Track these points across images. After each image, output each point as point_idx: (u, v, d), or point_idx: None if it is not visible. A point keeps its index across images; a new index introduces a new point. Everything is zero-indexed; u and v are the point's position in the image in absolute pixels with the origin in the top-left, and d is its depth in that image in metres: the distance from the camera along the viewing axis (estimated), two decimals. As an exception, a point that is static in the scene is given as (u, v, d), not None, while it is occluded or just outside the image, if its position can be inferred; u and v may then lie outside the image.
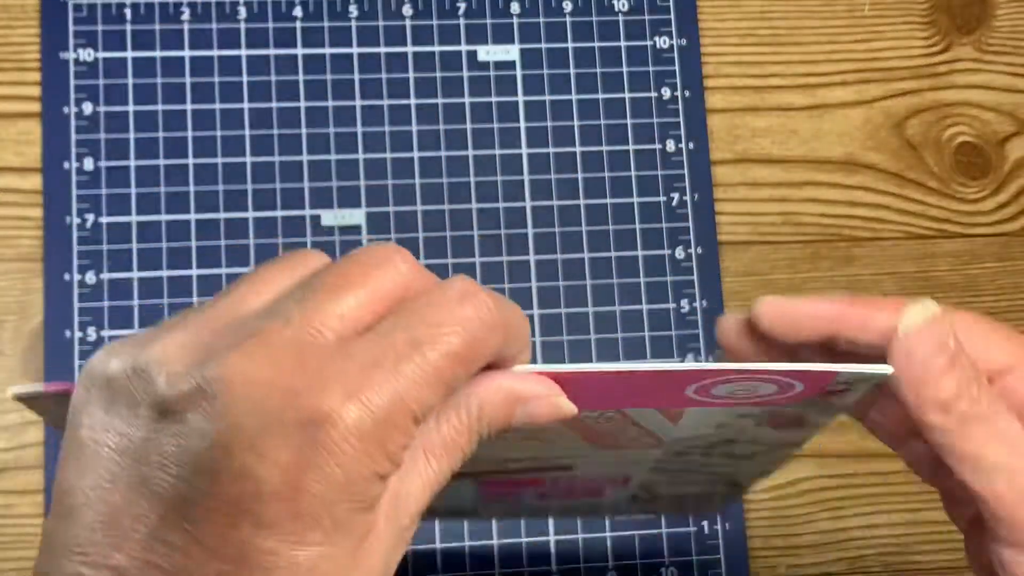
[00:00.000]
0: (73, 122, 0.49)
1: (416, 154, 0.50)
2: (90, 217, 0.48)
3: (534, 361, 0.30)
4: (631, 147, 0.52)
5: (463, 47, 0.52)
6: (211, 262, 0.48)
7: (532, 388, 0.27)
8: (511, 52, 0.52)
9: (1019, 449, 0.30)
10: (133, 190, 0.48)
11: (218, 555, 0.23)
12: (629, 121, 0.52)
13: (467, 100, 0.51)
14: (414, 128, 0.50)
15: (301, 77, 0.50)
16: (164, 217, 0.48)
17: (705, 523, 0.49)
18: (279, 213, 0.49)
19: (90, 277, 0.48)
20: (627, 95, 0.52)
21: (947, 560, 0.50)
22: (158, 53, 0.50)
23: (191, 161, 0.49)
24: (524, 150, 0.51)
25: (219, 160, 0.49)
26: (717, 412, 0.30)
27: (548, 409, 0.27)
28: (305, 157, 0.50)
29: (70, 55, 0.49)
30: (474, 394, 0.27)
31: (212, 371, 0.24)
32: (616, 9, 0.53)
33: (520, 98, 0.51)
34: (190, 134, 0.49)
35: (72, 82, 0.49)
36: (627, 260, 0.51)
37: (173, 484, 0.24)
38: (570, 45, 0.52)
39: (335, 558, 0.24)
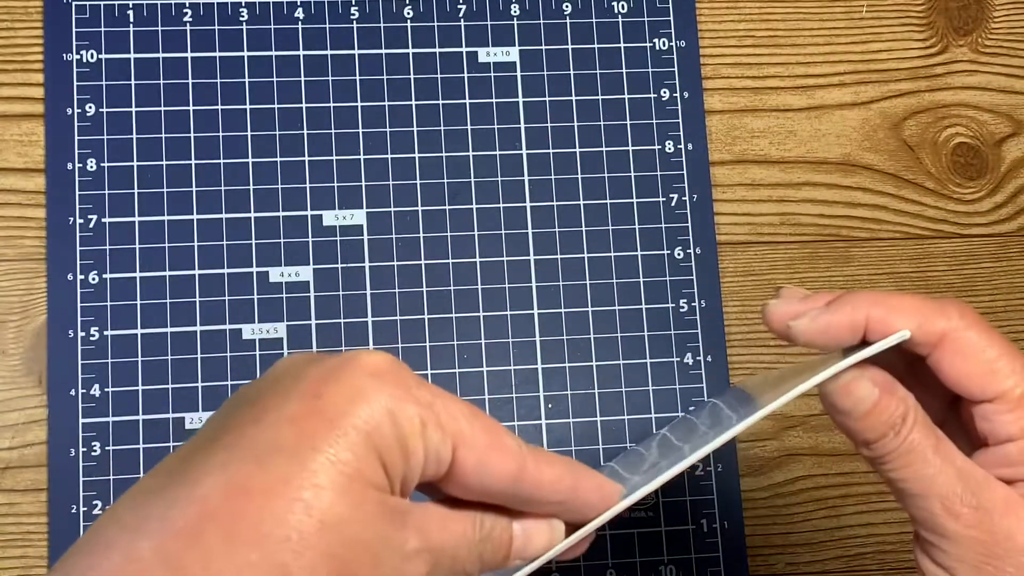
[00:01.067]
0: (76, 123, 0.49)
1: (417, 155, 0.51)
2: (93, 217, 0.48)
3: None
4: (630, 148, 0.52)
5: (464, 48, 0.52)
6: (213, 262, 0.49)
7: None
8: (511, 53, 0.52)
9: (938, 479, 0.33)
10: (136, 190, 0.49)
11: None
12: (628, 122, 0.52)
13: (467, 101, 0.51)
14: (415, 129, 0.51)
15: (303, 78, 0.50)
16: (166, 217, 0.49)
17: (704, 521, 0.49)
18: (281, 213, 0.49)
19: (93, 277, 0.48)
20: (626, 96, 0.52)
21: (944, 558, 0.50)
22: (160, 54, 0.50)
23: (193, 162, 0.49)
24: (524, 150, 0.51)
25: (221, 161, 0.49)
26: None
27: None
28: (307, 158, 0.50)
29: (73, 56, 0.49)
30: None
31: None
32: (615, 11, 0.53)
33: (520, 99, 0.52)
34: (192, 135, 0.49)
35: (75, 83, 0.49)
36: (626, 260, 0.51)
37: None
38: (570, 47, 0.52)
39: None
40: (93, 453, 0.47)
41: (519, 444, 0.31)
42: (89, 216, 0.48)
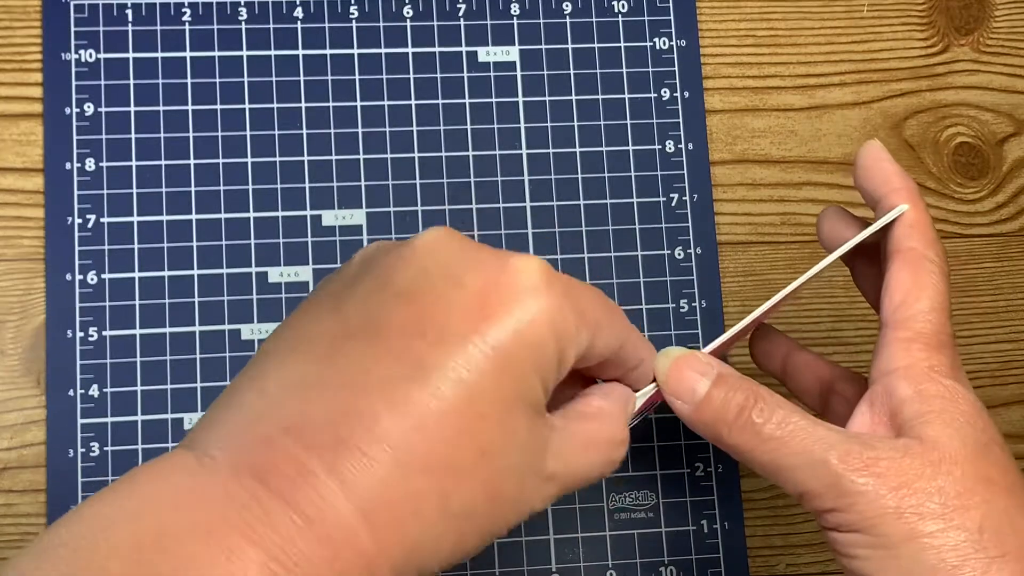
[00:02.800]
0: (75, 123, 0.49)
1: (416, 154, 0.50)
2: (92, 217, 0.48)
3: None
4: (631, 147, 0.52)
5: (463, 48, 0.52)
6: (212, 262, 0.48)
7: None
8: (511, 53, 0.52)
9: (830, 439, 0.34)
10: (134, 190, 0.49)
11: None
12: (629, 122, 0.52)
13: (467, 101, 0.51)
14: (415, 128, 0.51)
15: (302, 78, 0.50)
16: (165, 217, 0.49)
17: (704, 522, 0.49)
18: (280, 213, 0.49)
19: (91, 277, 0.48)
20: (627, 96, 0.52)
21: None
22: (159, 54, 0.50)
23: (192, 161, 0.49)
24: (524, 150, 0.51)
25: (220, 160, 0.49)
26: None
27: None
28: (306, 157, 0.50)
29: (71, 56, 0.49)
30: None
31: None
32: (616, 10, 0.53)
33: (520, 99, 0.52)
34: (191, 134, 0.49)
35: (74, 83, 0.49)
36: (627, 260, 0.51)
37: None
38: (570, 46, 0.52)
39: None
40: (92, 454, 0.46)
41: (625, 320, 0.32)
42: (88, 216, 0.48)
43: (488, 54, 0.52)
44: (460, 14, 0.52)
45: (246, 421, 0.27)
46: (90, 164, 0.49)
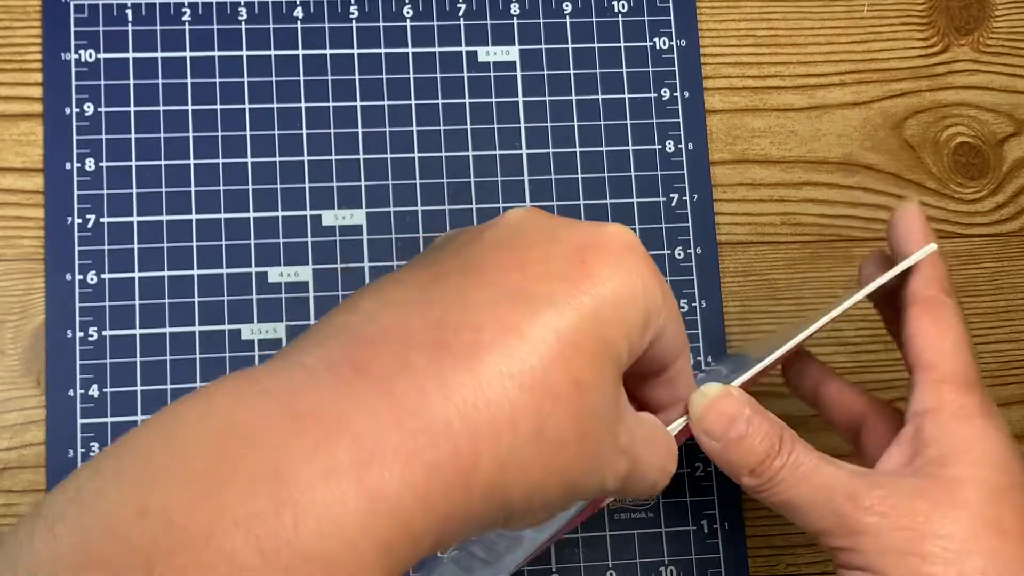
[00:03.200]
0: (74, 123, 0.49)
1: (416, 154, 0.50)
2: (91, 217, 0.48)
3: None
4: (630, 147, 0.52)
5: (463, 48, 0.52)
6: (212, 262, 0.48)
7: None
8: (511, 53, 0.52)
9: (837, 480, 0.35)
10: (134, 190, 0.49)
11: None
12: (629, 122, 0.52)
13: (467, 101, 0.51)
14: (414, 128, 0.51)
15: (302, 78, 0.50)
16: (165, 217, 0.49)
17: (704, 522, 0.49)
18: (280, 213, 0.49)
19: (91, 277, 0.48)
20: (627, 96, 0.52)
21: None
22: (159, 54, 0.50)
23: (192, 161, 0.49)
24: (524, 150, 0.51)
25: (220, 160, 0.49)
26: None
27: None
28: (306, 157, 0.50)
29: (71, 56, 0.49)
30: None
31: None
32: (616, 10, 0.53)
33: (520, 99, 0.52)
34: (191, 134, 0.49)
35: (73, 83, 0.49)
36: (627, 260, 0.51)
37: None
38: (570, 46, 0.52)
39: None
40: (92, 454, 0.46)
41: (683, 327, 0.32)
42: (87, 216, 0.48)
43: (488, 54, 0.52)
44: (460, 14, 0.52)
45: (340, 328, 0.26)
46: (90, 164, 0.48)
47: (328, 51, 0.51)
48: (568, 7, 0.52)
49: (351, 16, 0.51)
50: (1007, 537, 0.33)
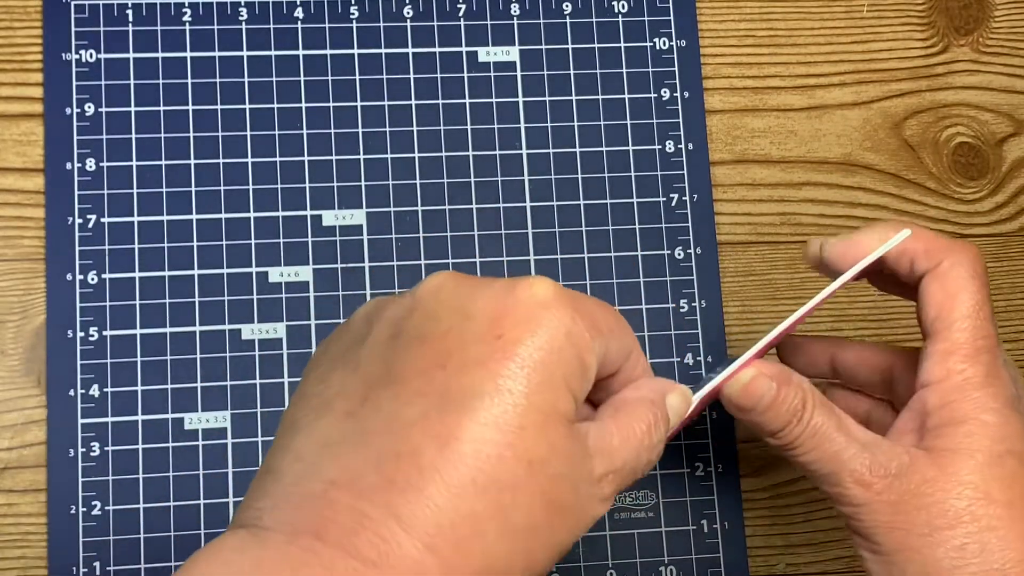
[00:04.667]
0: (75, 123, 0.49)
1: (417, 154, 0.50)
2: (92, 217, 0.48)
3: None
4: (630, 148, 0.52)
5: (463, 48, 0.52)
6: (213, 262, 0.48)
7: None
8: (511, 53, 0.52)
9: (844, 454, 0.35)
10: (135, 190, 0.49)
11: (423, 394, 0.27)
12: (629, 122, 0.52)
13: (467, 101, 0.51)
14: (415, 129, 0.51)
15: (302, 78, 0.50)
16: (166, 217, 0.49)
17: (704, 522, 0.49)
18: (280, 213, 0.49)
19: (92, 277, 0.48)
20: (627, 96, 0.52)
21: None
22: (160, 54, 0.50)
23: (192, 161, 0.49)
24: (524, 150, 0.51)
25: (220, 160, 0.49)
26: None
27: None
28: (306, 157, 0.50)
29: (72, 56, 0.49)
30: None
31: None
32: (616, 10, 0.53)
33: (520, 99, 0.52)
34: (191, 135, 0.49)
35: (74, 83, 0.49)
36: (627, 260, 0.51)
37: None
38: (570, 46, 0.52)
39: None
40: (92, 453, 0.46)
41: (631, 331, 0.33)
42: (88, 216, 0.48)
43: (488, 54, 0.52)
44: (460, 14, 0.52)
45: (291, 485, 0.27)
46: (90, 164, 0.49)
47: (328, 51, 0.51)
48: (568, 7, 0.53)
49: (351, 16, 0.51)
50: (995, 505, 0.34)
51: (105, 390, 0.47)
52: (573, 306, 0.29)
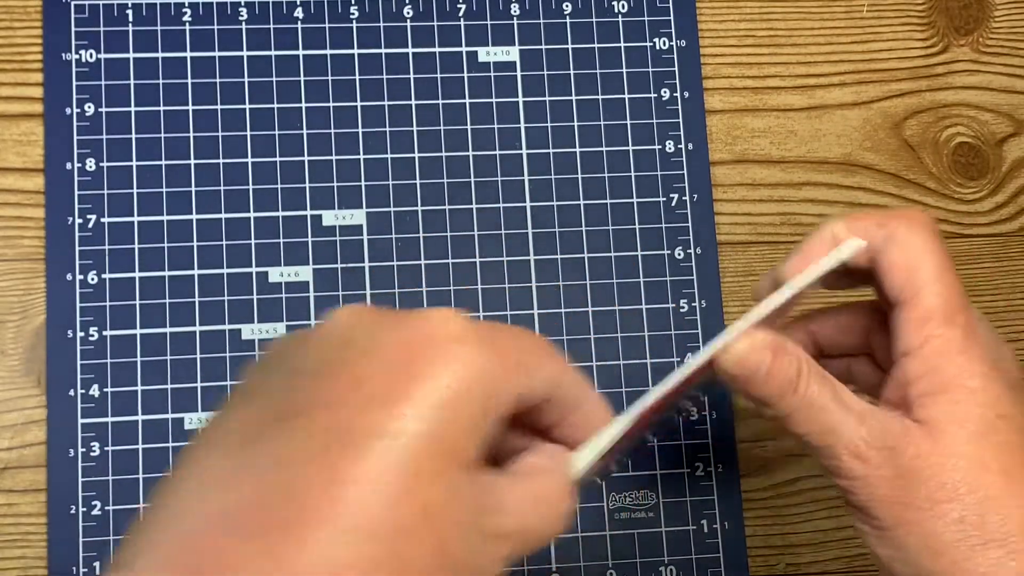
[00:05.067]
0: (75, 123, 0.49)
1: (417, 154, 0.50)
2: (92, 217, 0.48)
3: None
4: (630, 148, 0.52)
5: (463, 48, 0.52)
6: (213, 262, 0.48)
7: None
8: (511, 53, 0.52)
9: (841, 426, 0.35)
10: (135, 190, 0.49)
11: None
12: (628, 122, 0.52)
13: (467, 101, 0.51)
14: (415, 129, 0.51)
15: (302, 78, 0.50)
16: (166, 217, 0.49)
17: (704, 522, 0.49)
18: (280, 213, 0.49)
19: (92, 277, 0.48)
20: (627, 96, 0.52)
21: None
22: (160, 54, 0.50)
23: (192, 161, 0.49)
24: (524, 150, 0.51)
25: (220, 160, 0.49)
26: None
27: None
28: (306, 157, 0.50)
29: (72, 56, 0.49)
30: None
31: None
32: (616, 10, 0.53)
33: (520, 99, 0.52)
34: (192, 135, 0.49)
35: (74, 83, 0.49)
36: (626, 260, 0.51)
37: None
38: (570, 46, 0.52)
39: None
40: (92, 453, 0.46)
41: (560, 361, 0.30)
42: (88, 216, 0.48)
43: (488, 54, 0.52)
44: (460, 14, 0.52)
45: (168, 524, 0.25)
46: (90, 164, 0.49)
47: (328, 51, 0.51)
48: (568, 7, 0.53)
49: (351, 16, 0.51)
50: (990, 473, 0.34)
51: (105, 390, 0.47)
52: (483, 339, 0.27)
